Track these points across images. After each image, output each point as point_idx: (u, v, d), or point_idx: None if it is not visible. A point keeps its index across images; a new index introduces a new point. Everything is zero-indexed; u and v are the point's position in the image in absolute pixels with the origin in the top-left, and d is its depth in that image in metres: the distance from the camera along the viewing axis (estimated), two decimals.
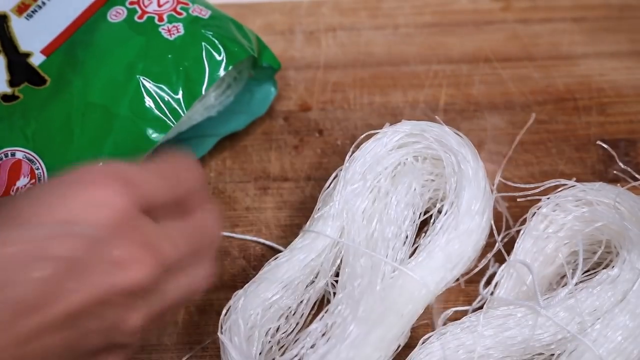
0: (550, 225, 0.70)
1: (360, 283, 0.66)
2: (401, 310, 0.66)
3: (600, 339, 0.64)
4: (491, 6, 0.86)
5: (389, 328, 0.65)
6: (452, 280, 0.68)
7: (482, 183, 0.69)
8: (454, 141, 0.70)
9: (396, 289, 0.66)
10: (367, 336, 0.64)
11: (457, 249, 0.67)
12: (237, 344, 0.64)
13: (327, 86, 0.82)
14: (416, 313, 0.67)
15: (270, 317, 0.67)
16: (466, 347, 0.65)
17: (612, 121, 0.79)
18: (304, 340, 0.65)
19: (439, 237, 0.68)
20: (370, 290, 0.66)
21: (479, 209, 0.68)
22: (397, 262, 0.68)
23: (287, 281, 0.68)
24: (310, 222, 0.70)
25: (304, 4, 0.87)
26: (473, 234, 0.68)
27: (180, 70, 0.72)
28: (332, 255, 0.69)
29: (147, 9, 0.73)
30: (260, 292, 0.67)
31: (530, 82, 0.82)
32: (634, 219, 0.68)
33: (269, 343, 0.67)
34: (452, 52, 0.84)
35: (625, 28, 0.85)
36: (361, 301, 0.65)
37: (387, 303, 0.65)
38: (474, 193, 0.68)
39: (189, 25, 0.73)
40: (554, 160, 0.78)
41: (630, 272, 0.66)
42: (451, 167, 0.69)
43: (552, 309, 0.65)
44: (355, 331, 0.64)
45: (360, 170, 0.70)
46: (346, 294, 0.66)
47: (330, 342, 0.64)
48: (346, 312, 0.65)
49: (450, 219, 0.68)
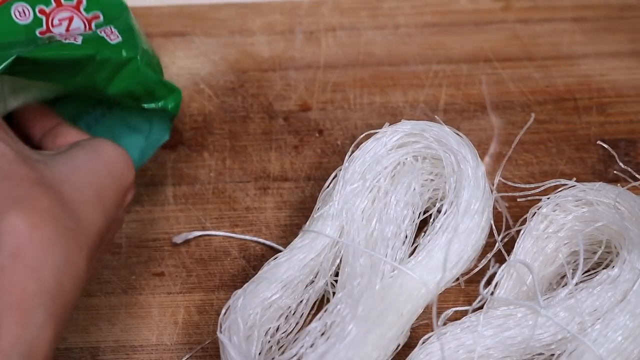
0: (550, 225, 0.70)
1: (359, 282, 0.66)
2: (401, 310, 0.66)
3: (601, 339, 0.64)
4: (491, 6, 0.86)
5: (388, 327, 0.65)
6: (452, 279, 0.68)
7: (482, 183, 0.69)
8: (453, 141, 0.70)
9: (395, 288, 0.66)
10: (366, 335, 0.64)
11: (457, 248, 0.67)
12: (236, 344, 0.64)
13: (327, 86, 0.82)
14: (416, 312, 0.67)
15: (270, 316, 0.67)
16: (466, 347, 0.65)
17: (612, 121, 0.79)
18: (303, 340, 0.65)
19: (438, 237, 0.68)
20: (369, 289, 0.66)
21: (478, 209, 0.68)
22: (397, 261, 0.68)
23: (286, 281, 0.67)
24: (310, 222, 0.70)
25: (304, 4, 0.87)
26: (473, 234, 0.68)
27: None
28: (332, 254, 0.69)
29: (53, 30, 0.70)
30: (260, 292, 0.67)
31: (530, 82, 0.82)
32: (634, 219, 0.68)
33: (269, 343, 0.67)
34: (452, 52, 0.84)
35: (626, 28, 0.85)
36: (360, 300, 0.65)
37: (386, 302, 0.65)
38: (474, 193, 0.68)
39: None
40: (554, 160, 0.78)
41: (630, 272, 0.66)
42: (451, 166, 0.69)
43: (552, 309, 0.65)
44: (355, 330, 0.64)
45: (360, 170, 0.70)
46: (345, 293, 0.66)
47: (330, 342, 0.64)
48: (345, 311, 0.65)
49: (450, 218, 0.68)
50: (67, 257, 0.56)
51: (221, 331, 0.65)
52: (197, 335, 0.71)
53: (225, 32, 0.85)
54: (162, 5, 0.87)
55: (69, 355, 0.70)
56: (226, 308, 0.66)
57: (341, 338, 0.64)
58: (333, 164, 0.77)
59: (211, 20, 0.86)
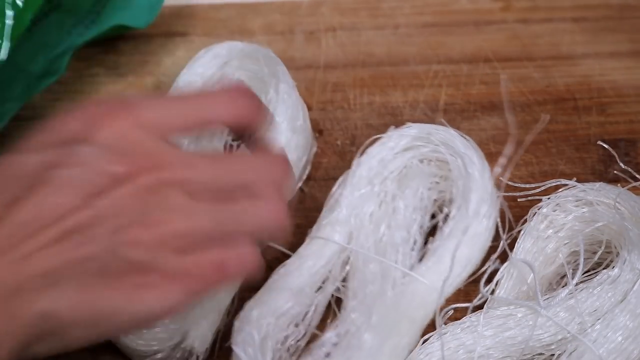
0: (550, 225, 0.70)
1: (371, 290, 0.66)
2: (413, 317, 0.66)
3: (601, 339, 0.64)
4: (491, 6, 0.86)
5: (402, 336, 0.65)
6: (461, 283, 0.68)
7: (489, 186, 0.69)
8: (460, 144, 0.70)
9: (408, 295, 0.66)
10: (382, 345, 0.64)
11: (466, 253, 0.67)
12: (251, 356, 0.64)
13: (327, 86, 0.82)
14: (427, 318, 0.67)
15: (281, 325, 0.66)
16: (466, 347, 0.65)
17: (612, 121, 0.79)
18: (319, 349, 0.65)
19: (447, 242, 0.68)
20: (381, 297, 0.65)
21: (486, 212, 0.68)
22: (407, 267, 0.67)
23: (297, 289, 0.67)
24: (317, 228, 0.70)
25: (304, 4, 0.87)
26: (481, 237, 0.68)
27: None
28: (341, 261, 0.69)
29: None
30: (272, 302, 0.66)
31: (530, 82, 0.82)
32: (634, 219, 0.68)
33: (279, 350, 0.67)
34: (452, 52, 0.84)
35: (626, 28, 0.85)
36: (373, 308, 0.65)
37: (399, 310, 0.65)
38: (482, 196, 0.68)
39: None
40: (554, 160, 0.78)
41: (630, 273, 0.66)
42: (458, 170, 0.69)
43: (552, 309, 0.65)
44: (370, 340, 0.64)
45: (367, 175, 0.70)
46: (359, 301, 0.66)
47: (346, 353, 0.64)
48: (359, 321, 0.65)
49: (459, 222, 0.68)
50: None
51: (235, 343, 0.65)
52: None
53: (225, 32, 0.85)
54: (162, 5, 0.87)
55: (69, 355, 0.70)
56: (238, 320, 0.66)
57: (357, 348, 0.64)
58: (333, 164, 0.77)
59: (211, 20, 0.86)
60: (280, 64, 0.74)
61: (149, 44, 0.85)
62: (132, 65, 0.84)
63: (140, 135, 0.54)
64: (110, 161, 0.53)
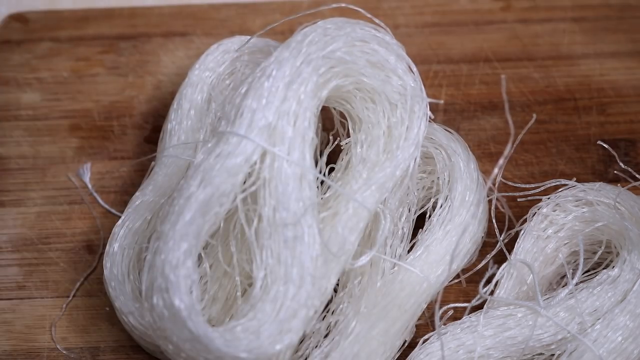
0: (550, 225, 0.70)
1: (360, 281, 0.66)
2: (403, 305, 0.66)
3: (601, 339, 0.64)
4: (491, 6, 0.86)
5: (392, 322, 0.66)
6: (453, 273, 0.69)
7: (475, 175, 0.69)
8: (443, 137, 0.70)
9: (397, 284, 0.66)
10: (370, 331, 0.64)
11: (455, 241, 0.68)
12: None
13: None
14: (419, 307, 0.67)
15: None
16: (466, 347, 0.65)
17: (612, 121, 0.79)
18: (307, 341, 0.65)
19: (435, 231, 0.68)
20: (370, 286, 0.66)
21: (473, 200, 0.69)
22: (396, 258, 0.68)
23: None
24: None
25: (304, 4, 0.87)
26: (470, 226, 0.69)
27: None
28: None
29: None
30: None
31: (530, 82, 0.82)
32: (634, 219, 0.68)
33: None
34: (452, 52, 0.84)
35: (625, 28, 0.85)
36: (362, 298, 0.65)
37: (388, 298, 0.66)
38: (467, 185, 0.69)
39: None
40: (554, 160, 0.78)
41: (630, 273, 0.66)
42: (442, 161, 0.70)
43: (552, 309, 0.65)
44: (358, 327, 0.64)
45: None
46: (347, 292, 0.66)
47: (334, 340, 0.64)
48: (348, 310, 0.66)
49: (446, 212, 0.68)
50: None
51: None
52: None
53: (225, 32, 0.85)
54: (162, 5, 0.87)
55: (69, 356, 0.70)
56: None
57: (345, 335, 0.64)
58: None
59: (211, 20, 0.87)
60: None
61: (149, 44, 0.85)
62: (132, 65, 0.85)
63: None
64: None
